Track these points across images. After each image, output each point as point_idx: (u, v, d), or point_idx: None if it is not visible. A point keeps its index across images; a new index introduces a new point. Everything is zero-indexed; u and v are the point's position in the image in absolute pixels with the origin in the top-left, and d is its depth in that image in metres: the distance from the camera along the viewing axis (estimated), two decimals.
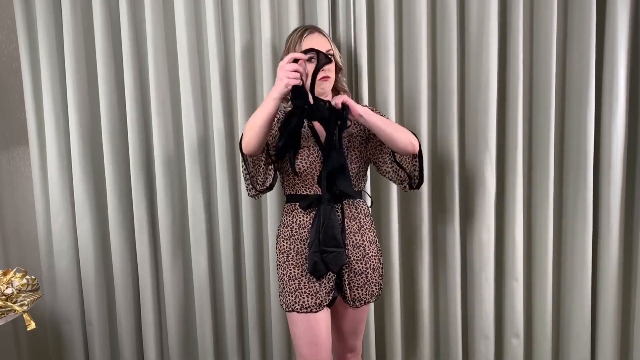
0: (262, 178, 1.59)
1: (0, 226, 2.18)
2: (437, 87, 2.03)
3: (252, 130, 1.46)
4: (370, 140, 1.67)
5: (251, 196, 1.64)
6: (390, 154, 1.65)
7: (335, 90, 1.71)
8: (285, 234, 1.66)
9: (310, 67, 1.51)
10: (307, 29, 1.64)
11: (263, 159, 1.56)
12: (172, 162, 2.12)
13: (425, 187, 2.01)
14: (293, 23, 1.94)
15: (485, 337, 2.09)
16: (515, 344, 2.09)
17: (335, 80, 1.68)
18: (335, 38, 1.99)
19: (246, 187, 1.64)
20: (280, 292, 1.67)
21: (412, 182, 1.65)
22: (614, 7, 1.90)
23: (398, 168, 1.65)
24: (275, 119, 1.61)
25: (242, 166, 1.60)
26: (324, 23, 1.93)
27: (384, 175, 1.70)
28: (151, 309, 2.19)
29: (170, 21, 2.05)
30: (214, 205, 2.15)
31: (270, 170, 1.59)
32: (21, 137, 2.22)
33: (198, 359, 2.20)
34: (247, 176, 1.60)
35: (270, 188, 1.62)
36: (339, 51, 1.78)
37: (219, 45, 2.02)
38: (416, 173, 1.63)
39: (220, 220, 2.10)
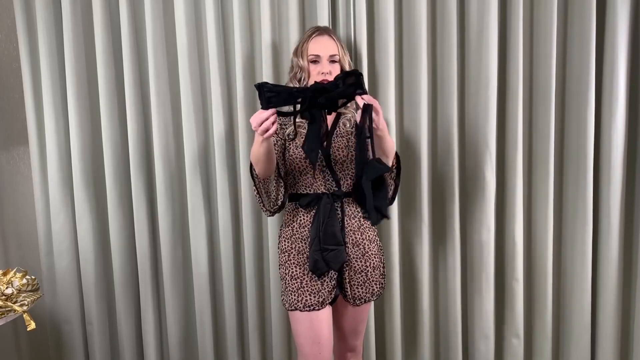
0: (274, 195, 1.61)
1: (0, 226, 2.18)
2: (437, 87, 2.03)
3: (257, 165, 1.51)
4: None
5: (268, 216, 1.67)
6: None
7: None
8: (287, 233, 1.67)
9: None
10: (317, 30, 1.66)
11: (274, 177, 1.59)
12: (172, 162, 2.12)
13: (425, 187, 2.01)
14: (293, 24, 1.94)
15: (485, 337, 2.09)
16: (515, 344, 2.09)
17: None
18: None
19: (261, 208, 1.66)
20: (282, 291, 1.67)
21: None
22: (614, 7, 1.90)
23: None
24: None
25: (254, 190, 1.62)
26: (324, 24, 1.92)
27: None
28: (151, 309, 2.19)
29: (170, 22, 2.05)
30: (214, 206, 2.14)
31: (281, 187, 1.60)
32: (21, 137, 2.22)
33: (198, 359, 2.21)
34: (259, 198, 1.62)
35: (282, 206, 1.64)
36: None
37: (219, 46, 2.02)
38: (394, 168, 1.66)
39: (220, 220, 2.10)
